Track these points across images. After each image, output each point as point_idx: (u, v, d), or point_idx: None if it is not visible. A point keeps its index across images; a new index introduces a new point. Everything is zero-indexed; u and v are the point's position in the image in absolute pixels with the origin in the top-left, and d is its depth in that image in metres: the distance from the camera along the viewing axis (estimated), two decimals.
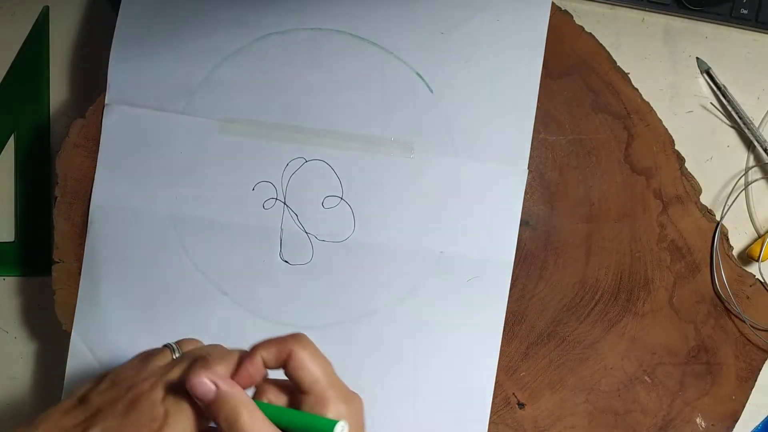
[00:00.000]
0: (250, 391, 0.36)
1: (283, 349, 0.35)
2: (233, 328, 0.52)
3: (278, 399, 0.36)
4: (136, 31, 0.52)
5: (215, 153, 0.52)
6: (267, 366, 0.36)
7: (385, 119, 0.51)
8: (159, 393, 0.35)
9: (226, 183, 0.52)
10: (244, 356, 0.36)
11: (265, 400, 0.36)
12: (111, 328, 0.52)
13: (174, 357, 0.39)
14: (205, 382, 0.33)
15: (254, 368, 0.35)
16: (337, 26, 0.52)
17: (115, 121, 0.52)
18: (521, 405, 0.53)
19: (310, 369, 0.35)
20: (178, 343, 0.41)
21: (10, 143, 0.58)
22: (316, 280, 0.51)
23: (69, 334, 0.52)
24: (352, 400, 0.36)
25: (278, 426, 0.34)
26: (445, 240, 0.51)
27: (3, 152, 0.58)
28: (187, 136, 0.51)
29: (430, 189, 0.51)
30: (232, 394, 0.33)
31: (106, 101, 0.52)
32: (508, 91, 0.51)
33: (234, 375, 0.35)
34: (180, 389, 0.35)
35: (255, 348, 0.36)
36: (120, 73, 0.52)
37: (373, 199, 0.50)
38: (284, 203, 0.51)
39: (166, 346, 0.41)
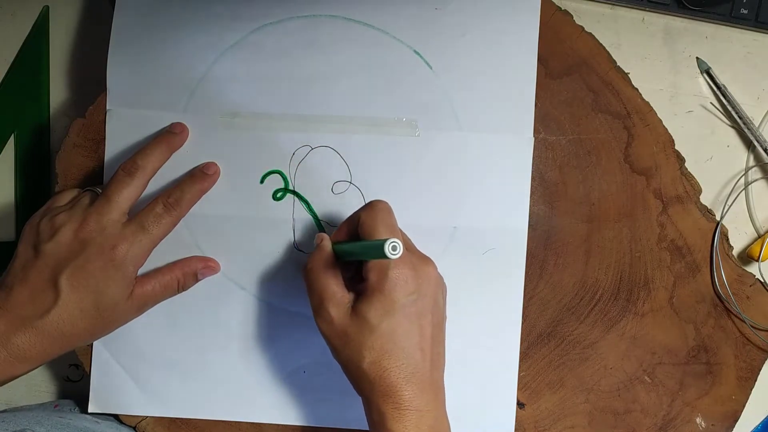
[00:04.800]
0: None
1: (354, 218, 0.45)
2: (255, 321, 0.52)
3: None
4: (132, 35, 0.52)
5: (220, 149, 0.52)
6: (348, 234, 0.46)
7: (387, 100, 0.52)
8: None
9: (234, 178, 0.52)
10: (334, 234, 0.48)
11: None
12: (132, 332, 0.52)
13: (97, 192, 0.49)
14: (320, 235, 0.47)
15: (336, 236, 0.47)
16: (331, 11, 0.52)
17: (118, 125, 0.52)
18: (521, 405, 0.53)
19: (365, 222, 0.44)
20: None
21: (10, 143, 0.58)
22: None
23: None
24: (422, 257, 0.45)
25: (346, 257, 0.45)
26: (458, 215, 0.51)
27: (3, 152, 0.58)
28: (192, 134, 0.52)
29: (438, 165, 0.51)
30: (324, 236, 0.46)
31: (107, 106, 0.52)
32: (507, 61, 0.51)
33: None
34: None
35: (338, 230, 0.47)
36: (119, 77, 0.52)
37: (382, 181, 0.50)
38: (294, 192, 0.52)
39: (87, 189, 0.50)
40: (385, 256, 0.37)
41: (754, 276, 0.54)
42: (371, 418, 0.43)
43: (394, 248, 0.37)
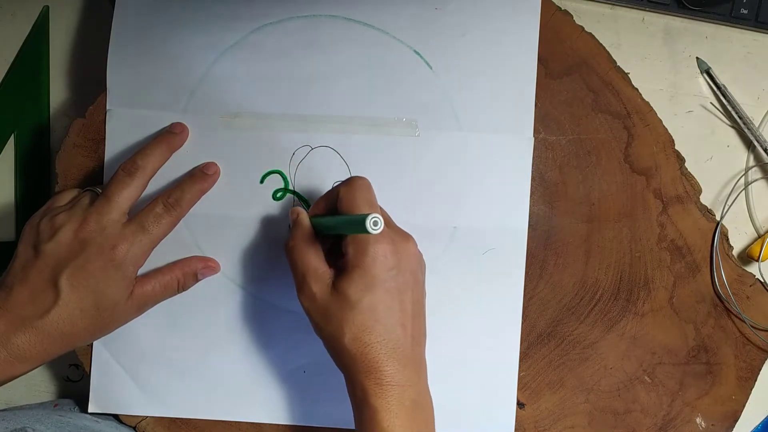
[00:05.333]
0: None
1: (332, 193, 0.46)
2: (254, 321, 0.52)
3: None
4: (132, 35, 0.52)
5: (221, 149, 0.52)
6: (326, 209, 0.46)
7: (387, 100, 0.52)
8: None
9: (234, 177, 0.52)
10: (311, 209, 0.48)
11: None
12: (132, 332, 0.52)
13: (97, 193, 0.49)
14: (294, 209, 0.47)
15: (313, 210, 0.47)
16: (331, 11, 0.52)
17: (118, 125, 0.52)
18: (521, 405, 0.53)
19: (344, 197, 0.44)
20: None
21: (10, 143, 0.58)
22: None
23: None
24: (401, 233, 0.45)
25: (325, 232, 0.45)
26: (458, 215, 0.51)
27: (3, 152, 0.58)
28: (192, 134, 0.52)
29: (438, 165, 0.51)
30: (300, 210, 0.47)
31: (107, 106, 0.52)
32: (507, 61, 0.51)
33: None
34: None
35: (315, 204, 0.47)
36: (119, 77, 0.52)
37: (382, 181, 0.50)
38: (294, 192, 0.52)
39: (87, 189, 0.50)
40: (366, 231, 0.38)
41: (754, 276, 0.54)
42: (354, 394, 0.43)
43: (375, 223, 0.38)
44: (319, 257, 0.45)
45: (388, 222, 0.47)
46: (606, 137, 0.53)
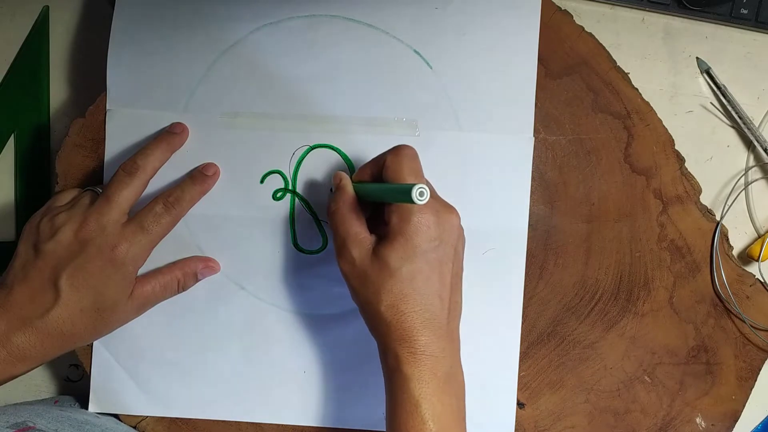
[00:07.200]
0: None
1: (379, 161, 0.45)
2: (255, 321, 0.52)
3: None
4: (132, 34, 0.52)
5: (220, 148, 0.52)
6: (371, 176, 0.46)
7: (387, 99, 0.52)
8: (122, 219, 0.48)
9: (234, 177, 0.52)
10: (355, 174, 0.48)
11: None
12: (132, 332, 0.52)
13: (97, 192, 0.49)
14: (338, 174, 0.47)
15: (358, 176, 0.47)
16: (330, 11, 0.52)
17: (118, 125, 0.52)
18: (521, 405, 0.53)
19: (391, 165, 0.44)
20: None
21: (10, 143, 0.58)
22: (332, 266, 0.51)
23: None
24: (445, 205, 0.45)
25: (368, 198, 0.45)
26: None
27: (3, 152, 0.58)
28: (192, 134, 0.52)
29: (438, 165, 0.51)
30: (344, 175, 0.47)
31: (107, 106, 0.52)
32: (507, 60, 0.51)
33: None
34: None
35: (360, 170, 0.47)
36: (119, 77, 0.52)
37: None
38: (294, 192, 0.52)
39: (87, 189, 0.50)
40: (411, 201, 0.38)
41: (754, 276, 0.54)
42: (386, 362, 0.43)
43: (421, 194, 0.38)
44: (360, 223, 0.45)
45: (433, 193, 0.46)
46: (606, 137, 0.53)
